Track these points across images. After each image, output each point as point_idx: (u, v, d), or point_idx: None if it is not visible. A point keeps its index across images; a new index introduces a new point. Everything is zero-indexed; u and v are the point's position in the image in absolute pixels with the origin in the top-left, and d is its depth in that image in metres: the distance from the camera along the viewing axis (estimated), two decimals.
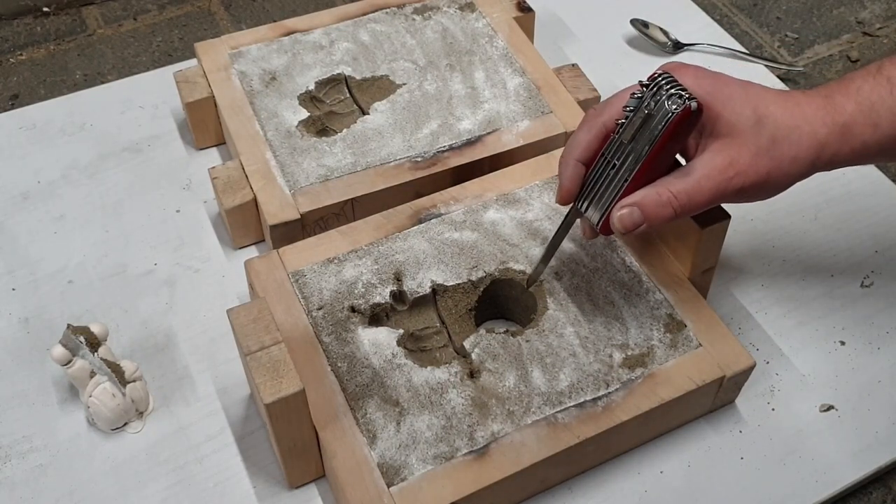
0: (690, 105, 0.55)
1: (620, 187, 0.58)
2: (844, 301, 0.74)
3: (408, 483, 0.57)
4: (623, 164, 0.58)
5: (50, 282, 0.75)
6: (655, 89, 0.56)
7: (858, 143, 0.58)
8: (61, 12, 1.05)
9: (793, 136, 0.57)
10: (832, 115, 0.58)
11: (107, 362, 0.64)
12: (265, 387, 0.55)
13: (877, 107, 0.58)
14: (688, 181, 0.57)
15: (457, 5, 0.89)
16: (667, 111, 0.55)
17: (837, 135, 0.58)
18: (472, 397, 0.61)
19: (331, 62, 0.83)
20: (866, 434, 0.66)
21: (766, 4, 1.07)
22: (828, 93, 0.59)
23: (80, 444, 0.66)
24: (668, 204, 0.57)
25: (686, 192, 0.57)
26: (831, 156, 0.58)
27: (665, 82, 0.56)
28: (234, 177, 0.75)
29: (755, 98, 0.58)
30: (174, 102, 0.88)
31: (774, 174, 0.58)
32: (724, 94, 0.58)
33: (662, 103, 0.55)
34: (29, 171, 0.83)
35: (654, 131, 0.56)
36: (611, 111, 0.60)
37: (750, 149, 0.57)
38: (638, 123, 0.56)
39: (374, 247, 0.69)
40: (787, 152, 0.57)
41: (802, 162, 0.58)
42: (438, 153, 0.76)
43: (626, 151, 0.57)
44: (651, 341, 0.64)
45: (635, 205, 0.57)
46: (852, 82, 0.59)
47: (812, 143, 0.58)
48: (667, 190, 0.57)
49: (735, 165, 0.57)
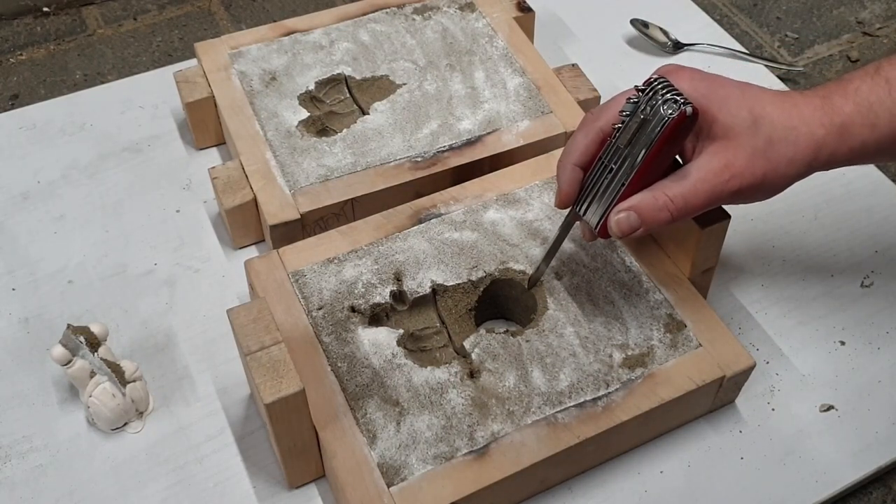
0: (686, 110, 0.55)
1: (617, 191, 0.59)
2: (844, 301, 0.74)
3: (408, 483, 0.57)
4: (620, 169, 0.58)
5: (50, 282, 0.75)
6: (651, 94, 0.56)
7: (857, 143, 0.58)
8: (61, 12, 1.05)
9: (790, 137, 0.57)
10: (830, 116, 0.58)
11: (107, 362, 0.64)
12: (265, 387, 0.55)
13: (875, 107, 0.58)
14: (684, 185, 0.57)
15: (457, 5, 0.89)
16: (662, 116, 0.55)
17: (835, 135, 0.58)
18: (472, 397, 0.61)
19: (331, 62, 0.83)
20: (866, 434, 0.66)
21: (766, 4, 1.07)
22: (825, 93, 0.59)
23: (80, 444, 0.66)
24: (664, 208, 0.57)
25: (682, 195, 0.57)
26: (829, 156, 0.58)
27: (661, 87, 0.56)
28: (234, 177, 0.75)
29: (751, 99, 0.58)
30: (174, 102, 0.88)
31: (770, 176, 0.58)
32: (720, 97, 0.58)
33: (658, 108, 0.55)
34: (29, 171, 0.83)
35: (651, 136, 0.56)
36: (607, 115, 0.60)
37: (746, 151, 0.57)
38: (634, 128, 0.56)
39: (374, 247, 0.69)
40: (783, 153, 0.57)
41: (799, 163, 0.58)
42: (438, 153, 0.76)
43: (622, 156, 0.58)
44: (651, 341, 0.64)
45: (632, 209, 0.58)
46: (850, 83, 0.59)
47: (809, 144, 0.58)
48: (663, 194, 0.57)
49: (731, 168, 0.57)
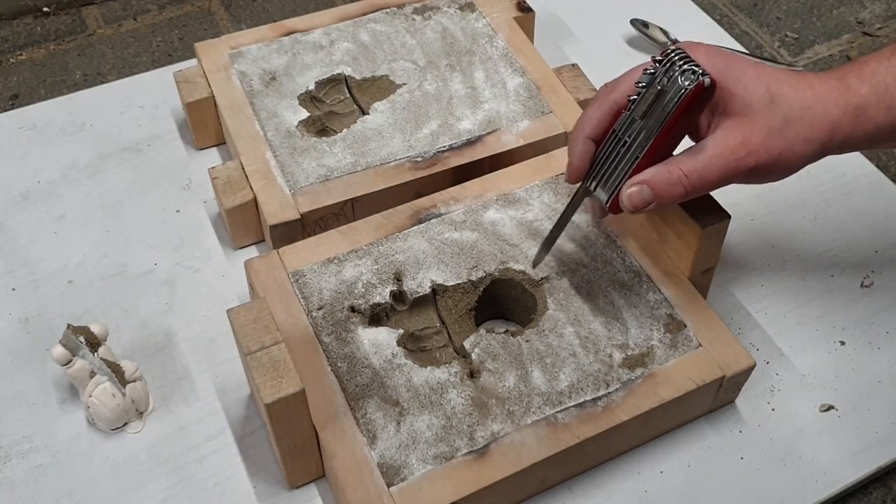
0: (704, 81, 0.54)
1: (631, 164, 0.58)
2: (844, 301, 0.74)
3: (408, 483, 0.57)
4: (634, 141, 0.57)
5: (50, 282, 0.75)
6: (668, 65, 0.55)
7: (872, 125, 0.58)
8: (61, 12, 1.05)
9: (806, 117, 0.57)
10: (845, 97, 0.57)
11: (107, 362, 0.64)
12: (265, 387, 0.55)
13: (891, 89, 0.57)
14: (699, 159, 0.56)
15: (457, 5, 0.89)
16: (680, 87, 0.54)
17: (851, 116, 0.57)
18: (472, 397, 0.61)
19: (331, 62, 0.83)
20: (866, 434, 0.66)
21: (766, 4, 1.07)
22: (841, 75, 0.58)
23: (80, 444, 0.66)
24: (678, 182, 0.56)
25: (697, 170, 0.56)
26: (844, 137, 0.58)
27: (678, 58, 0.55)
28: (234, 177, 0.75)
29: (768, 77, 0.57)
30: (174, 102, 0.88)
31: (786, 155, 0.57)
32: (736, 73, 0.57)
33: (675, 79, 0.54)
34: (29, 171, 0.83)
35: (667, 107, 0.55)
36: (622, 88, 0.59)
37: (762, 128, 0.56)
38: (650, 99, 0.55)
39: (374, 247, 0.69)
40: (800, 133, 0.57)
41: (815, 143, 0.57)
42: (438, 153, 0.76)
43: (637, 128, 0.57)
44: (651, 341, 0.64)
45: (645, 183, 0.57)
46: (867, 65, 0.59)
47: (825, 125, 0.57)
48: (677, 168, 0.56)
49: (747, 145, 0.56)
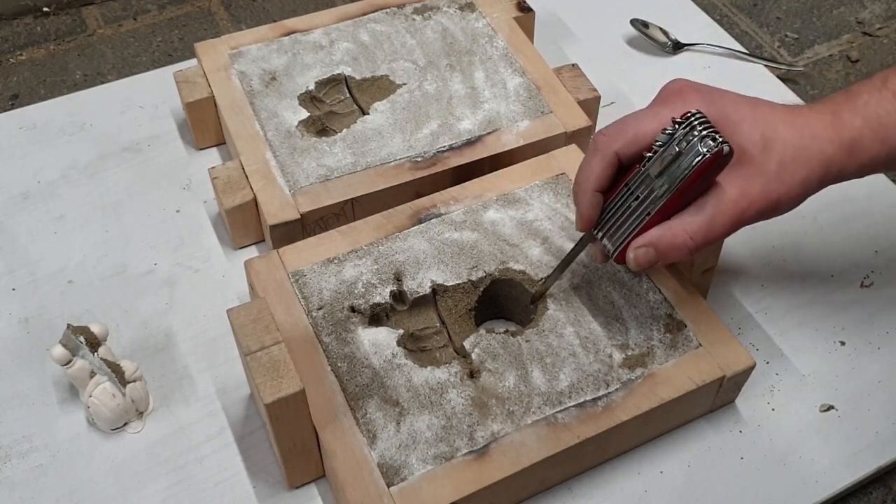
0: (723, 148, 0.55)
1: (642, 221, 0.58)
2: (844, 301, 0.74)
3: (408, 483, 0.57)
4: (647, 198, 0.58)
5: (50, 282, 0.75)
6: (688, 129, 0.56)
7: (866, 158, 0.59)
8: (61, 12, 1.05)
9: (801, 157, 0.58)
10: (839, 132, 0.58)
11: (107, 362, 0.64)
12: (265, 387, 0.55)
13: (884, 121, 0.58)
14: (703, 220, 0.57)
15: (457, 5, 0.89)
16: (698, 151, 0.55)
17: (845, 151, 0.58)
18: (472, 397, 0.61)
19: (331, 62, 0.83)
20: (866, 434, 0.66)
21: (766, 4, 1.07)
22: (835, 108, 0.59)
23: (80, 444, 0.66)
24: (683, 246, 0.58)
25: (702, 231, 0.57)
26: (839, 171, 0.59)
27: (698, 122, 0.56)
28: (234, 177, 0.75)
29: (762, 121, 0.58)
30: (174, 102, 0.88)
31: (784, 198, 0.58)
32: (734, 119, 0.58)
33: (695, 143, 0.55)
34: (29, 171, 0.83)
35: (684, 170, 0.56)
36: (624, 139, 0.59)
37: (760, 176, 0.57)
38: (668, 160, 0.56)
39: (374, 247, 0.69)
40: (796, 175, 0.58)
41: (811, 181, 0.58)
42: (438, 153, 0.76)
43: (651, 185, 0.57)
44: (651, 341, 0.64)
45: (651, 246, 0.58)
46: (859, 97, 0.59)
47: (820, 162, 0.58)
48: (683, 231, 0.57)
49: (747, 196, 0.57)
